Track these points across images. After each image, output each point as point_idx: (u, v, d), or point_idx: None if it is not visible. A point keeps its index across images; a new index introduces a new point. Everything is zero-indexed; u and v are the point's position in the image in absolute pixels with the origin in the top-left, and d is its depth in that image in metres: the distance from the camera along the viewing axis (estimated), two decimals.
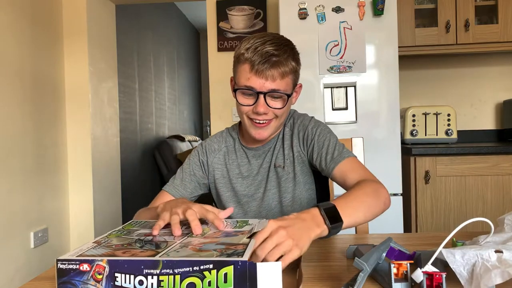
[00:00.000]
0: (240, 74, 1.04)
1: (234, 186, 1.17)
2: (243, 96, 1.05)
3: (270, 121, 1.06)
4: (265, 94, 1.01)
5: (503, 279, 0.57)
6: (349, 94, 2.07)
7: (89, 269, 0.61)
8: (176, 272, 0.58)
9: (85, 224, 2.64)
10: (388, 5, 2.00)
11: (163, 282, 0.58)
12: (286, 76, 1.02)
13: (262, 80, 1.00)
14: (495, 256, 0.62)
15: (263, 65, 0.99)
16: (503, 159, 2.08)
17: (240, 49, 1.04)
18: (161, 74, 4.68)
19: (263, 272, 0.58)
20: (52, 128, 2.47)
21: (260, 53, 0.99)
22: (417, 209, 2.12)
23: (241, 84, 1.03)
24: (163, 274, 0.59)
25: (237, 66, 1.06)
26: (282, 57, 1.00)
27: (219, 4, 2.66)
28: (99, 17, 2.78)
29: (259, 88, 1.01)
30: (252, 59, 1.00)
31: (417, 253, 0.76)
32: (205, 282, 0.58)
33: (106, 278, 0.60)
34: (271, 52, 0.99)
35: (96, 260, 0.61)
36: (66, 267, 0.61)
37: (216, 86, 2.70)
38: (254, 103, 1.03)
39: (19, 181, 2.16)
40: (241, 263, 0.57)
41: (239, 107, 1.07)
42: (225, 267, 0.57)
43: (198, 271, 0.58)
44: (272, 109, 1.03)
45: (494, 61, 2.68)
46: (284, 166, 1.13)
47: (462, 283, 0.62)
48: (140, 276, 0.59)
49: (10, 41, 2.13)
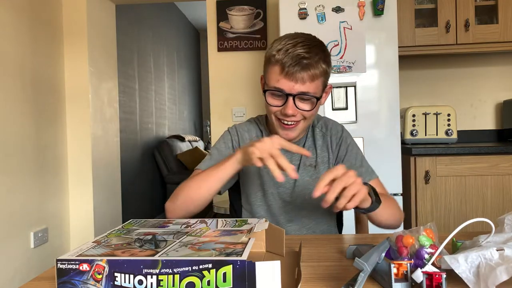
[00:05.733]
0: (270, 75, 1.04)
1: (263, 175, 1.16)
2: (272, 97, 1.05)
3: (298, 122, 1.06)
4: (294, 96, 1.01)
5: (509, 275, 0.57)
6: (349, 94, 2.07)
7: (88, 269, 0.61)
8: (176, 271, 0.59)
9: (85, 224, 2.64)
10: (388, 5, 2.00)
11: (163, 281, 0.59)
12: (316, 78, 1.02)
13: (292, 82, 1.00)
14: (497, 254, 0.62)
15: (293, 68, 0.98)
16: (503, 159, 2.08)
17: (271, 50, 1.03)
18: (161, 74, 4.68)
19: (262, 271, 0.58)
20: (52, 128, 2.47)
21: (291, 55, 0.99)
22: (417, 209, 2.12)
23: (271, 85, 1.03)
24: (163, 273, 0.59)
25: (268, 66, 1.05)
26: (313, 59, 1.00)
27: (219, 4, 2.66)
28: (99, 17, 2.78)
29: (288, 90, 1.01)
30: (283, 61, 0.99)
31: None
32: (204, 282, 0.58)
33: (105, 278, 0.60)
34: (302, 55, 0.99)
35: (95, 260, 0.61)
36: (66, 267, 0.62)
37: (216, 86, 2.70)
38: (283, 104, 1.03)
39: (19, 181, 2.16)
40: (240, 263, 0.58)
41: (268, 107, 1.08)
42: (224, 266, 0.58)
43: (197, 271, 0.58)
44: (301, 111, 1.04)
45: (494, 61, 2.68)
46: (315, 166, 1.15)
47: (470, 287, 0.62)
48: (139, 276, 0.59)
49: (10, 41, 2.13)
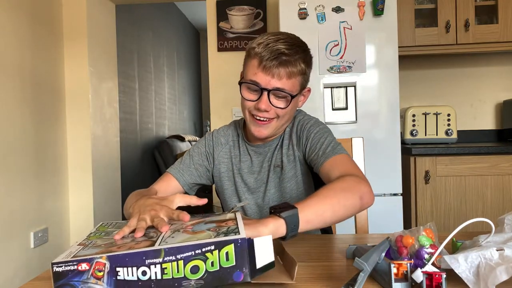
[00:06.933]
0: (248, 68, 1.03)
1: (236, 181, 1.16)
2: (247, 91, 1.04)
3: (271, 120, 1.05)
4: (269, 91, 1.00)
5: (508, 275, 0.58)
6: (349, 94, 2.07)
7: (88, 268, 0.61)
8: (179, 257, 0.60)
9: (85, 224, 2.63)
10: (388, 5, 2.00)
11: (167, 269, 0.60)
12: (293, 76, 1.00)
13: (268, 77, 0.99)
14: (497, 254, 0.62)
15: (271, 62, 0.98)
16: (503, 159, 2.08)
17: (252, 43, 1.03)
18: (161, 74, 4.68)
19: (259, 246, 0.62)
20: (52, 128, 2.47)
21: (270, 49, 0.98)
22: (417, 209, 2.12)
23: (247, 78, 1.03)
24: (166, 261, 0.60)
25: (247, 60, 1.05)
26: (293, 57, 0.99)
27: (219, 4, 2.66)
28: (99, 17, 2.78)
29: (264, 84, 1.00)
30: (262, 54, 0.98)
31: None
32: (208, 263, 0.60)
33: (107, 274, 0.60)
34: (282, 50, 0.98)
35: (95, 258, 0.61)
36: (63, 270, 0.61)
37: (216, 86, 2.70)
38: (258, 99, 1.02)
39: (19, 181, 2.16)
40: (241, 241, 0.60)
41: (242, 102, 1.06)
42: (225, 246, 0.60)
43: (201, 254, 0.60)
44: (275, 108, 1.02)
45: (494, 61, 2.67)
46: (282, 166, 1.12)
47: (470, 287, 0.62)
48: (143, 267, 0.60)
49: (10, 41, 2.13)
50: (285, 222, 0.73)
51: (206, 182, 1.20)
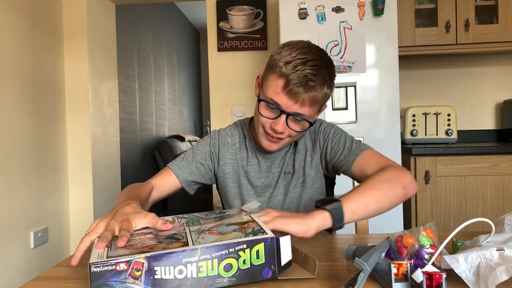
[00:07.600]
0: (271, 85, 0.99)
1: (242, 184, 1.15)
2: (266, 108, 1.01)
3: (283, 139, 1.04)
4: (289, 115, 0.98)
5: (508, 275, 0.57)
6: (349, 94, 2.07)
7: (126, 268, 0.62)
8: (214, 256, 0.64)
9: (85, 224, 2.63)
10: (388, 5, 2.00)
11: (202, 267, 0.63)
12: (315, 103, 0.98)
13: (291, 101, 0.96)
14: (497, 254, 0.62)
15: (297, 88, 0.94)
16: (503, 159, 2.08)
17: (279, 59, 0.97)
18: (161, 74, 4.68)
19: (283, 244, 0.67)
20: (52, 128, 2.47)
21: (298, 74, 0.94)
22: (417, 209, 2.12)
23: (268, 96, 0.99)
24: (202, 260, 0.63)
25: (270, 74, 1.00)
26: (318, 82, 0.96)
27: (219, 4, 2.66)
28: (99, 17, 2.78)
29: (284, 107, 0.97)
30: (289, 78, 0.94)
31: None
32: (240, 261, 0.65)
33: (145, 273, 0.62)
34: (309, 76, 0.94)
35: (133, 258, 0.62)
36: (101, 270, 0.61)
37: (216, 86, 2.70)
38: (275, 118, 1.00)
39: (19, 181, 2.16)
40: (270, 240, 0.66)
41: (257, 116, 1.04)
42: (256, 245, 0.65)
43: (234, 252, 0.64)
44: (290, 129, 1.01)
45: (494, 61, 2.67)
46: (294, 172, 1.12)
47: (470, 287, 0.62)
48: (180, 266, 0.63)
49: (10, 41, 2.13)
50: (331, 215, 0.80)
51: (207, 181, 1.18)
